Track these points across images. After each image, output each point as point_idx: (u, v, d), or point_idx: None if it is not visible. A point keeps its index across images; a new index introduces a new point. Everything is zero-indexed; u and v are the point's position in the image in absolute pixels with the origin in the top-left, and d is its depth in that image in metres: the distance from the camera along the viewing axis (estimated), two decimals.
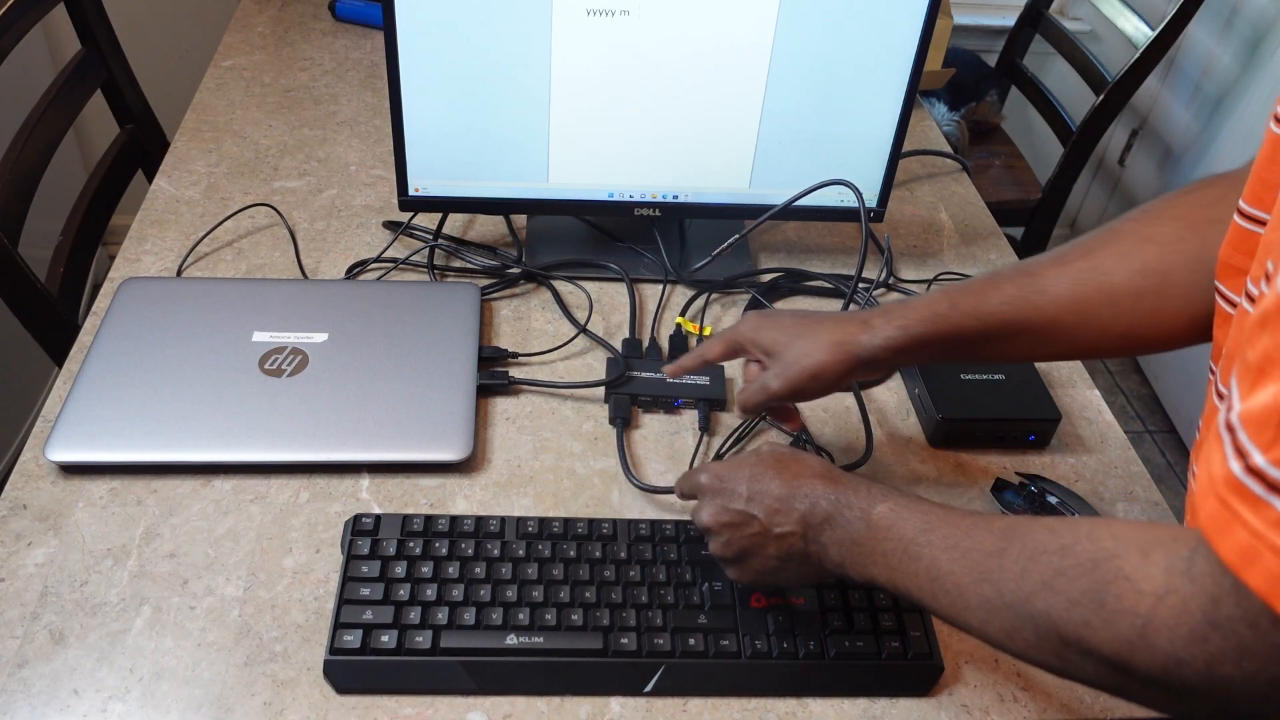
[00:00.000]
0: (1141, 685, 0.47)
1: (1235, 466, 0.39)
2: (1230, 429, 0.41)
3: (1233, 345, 0.57)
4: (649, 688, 0.70)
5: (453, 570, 0.73)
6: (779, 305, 1.06)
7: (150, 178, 1.18)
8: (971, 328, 0.72)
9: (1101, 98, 1.79)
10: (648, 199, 1.05)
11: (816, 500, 0.64)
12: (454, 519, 0.77)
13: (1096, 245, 0.71)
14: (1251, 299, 0.54)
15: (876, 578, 0.61)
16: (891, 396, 0.97)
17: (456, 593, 0.72)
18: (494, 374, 0.92)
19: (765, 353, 0.77)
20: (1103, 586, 0.47)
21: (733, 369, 0.96)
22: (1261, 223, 0.58)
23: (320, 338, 0.91)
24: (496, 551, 0.75)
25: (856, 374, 0.74)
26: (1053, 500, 0.84)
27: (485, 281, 1.05)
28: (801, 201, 0.98)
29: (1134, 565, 0.47)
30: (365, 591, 0.71)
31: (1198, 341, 0.70)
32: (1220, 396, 0.59)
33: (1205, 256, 0.68)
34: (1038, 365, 0.96)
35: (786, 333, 0.76)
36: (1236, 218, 0.60)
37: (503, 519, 0.77)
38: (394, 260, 1.06)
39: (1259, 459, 0.38)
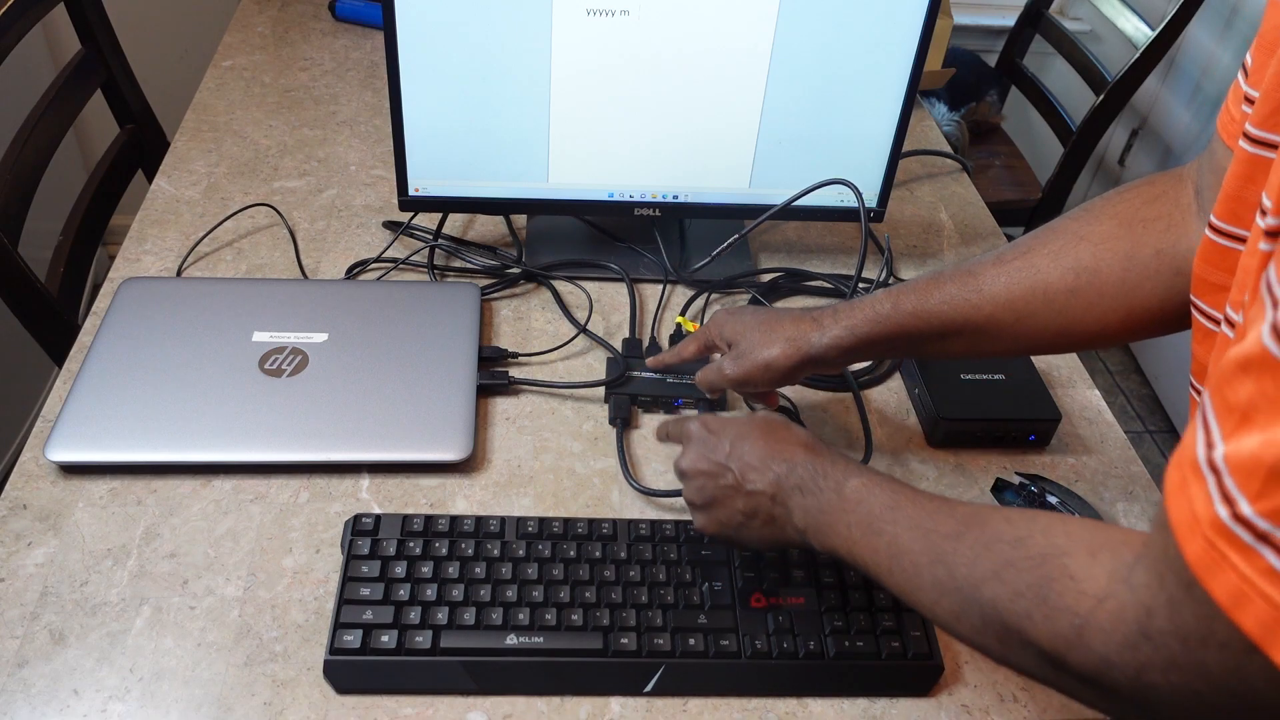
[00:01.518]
0: (1074, 681, 0.48)
1: (1222, 512, 0.39)
2: (1215, 470, 0.40)
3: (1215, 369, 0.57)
4: (649, 688, 0.70)
5: (453, 570, 0.73)
6: (779, 305, 1.06)
7: (150, 178, 1.18)
8: (914, 327, 0.75)
9: (1101, 98, 1.79)
10: (648, 199, 1.05)
11: (794, 466, 0.66)
12: (454, 519, 0.77)
13: (1034, 244, 0.73)
14: (1232, 325, 0.54)
15: (836, 548, 0.62)
16: (891, 396, 0.97)
17: (456, 593, 0.72)
18: (494, 374, 0.92)
19: (728, 344, 0.82)
20: (1047, 582, 0.48)
21: None
22: (1238, 239, 0.58)
23: (320, 338, 0.91)
24: (496, 551, 0.75)
25: (806, 369, 0.78)
26: (1053, 500, 0.84)
27: (485, 281, 1.05)
28: (801, 201, 0.98)
29: (1080, 565, 0.48)
30: (365, 591, 0.72)
31: (1133, 339, 0.72)
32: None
33: (1136, 255, 0.69)
34: (1037, 365, 0.96)
35: (748, 326, 0.80)
36: (1209, 233, 0.60)
37: (503, 519, 0.77)
38: (394, 260, 1.06)
39: (1246, 508, 0.38)
